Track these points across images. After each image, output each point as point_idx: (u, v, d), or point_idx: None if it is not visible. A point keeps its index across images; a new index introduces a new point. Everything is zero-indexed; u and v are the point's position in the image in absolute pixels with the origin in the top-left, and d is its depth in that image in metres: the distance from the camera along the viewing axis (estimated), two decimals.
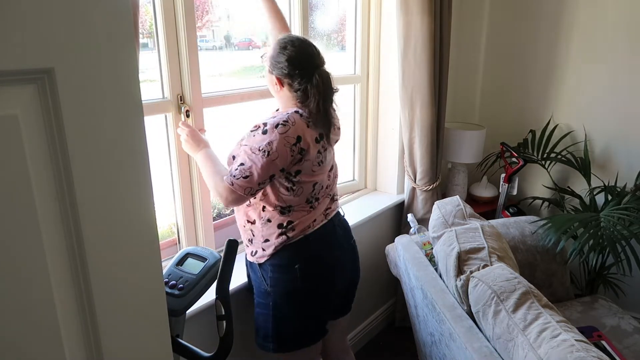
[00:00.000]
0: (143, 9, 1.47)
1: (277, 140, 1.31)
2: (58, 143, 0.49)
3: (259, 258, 1.47)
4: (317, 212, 1.49)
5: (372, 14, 2.31)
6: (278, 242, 1.43)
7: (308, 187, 1.43)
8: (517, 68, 2.70)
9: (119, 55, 0.52)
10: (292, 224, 1.43)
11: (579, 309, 1.99)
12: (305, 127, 1.38)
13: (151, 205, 0.59)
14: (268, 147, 1.31)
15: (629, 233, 1.92)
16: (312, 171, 1.42)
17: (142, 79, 0.97)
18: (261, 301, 1.49)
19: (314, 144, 1.39)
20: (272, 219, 1.43)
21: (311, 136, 1.39)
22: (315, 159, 1.41)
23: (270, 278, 1.45)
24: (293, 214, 1.44)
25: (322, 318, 1.55)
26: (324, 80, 1.40)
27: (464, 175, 2.63)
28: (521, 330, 1.22)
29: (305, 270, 1.45)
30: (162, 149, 1.57)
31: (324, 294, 1.52)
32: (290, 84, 1.40)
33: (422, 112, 2.20)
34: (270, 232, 1.44)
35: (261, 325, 1.51)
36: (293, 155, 1.34)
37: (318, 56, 1.42)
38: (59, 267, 0.52)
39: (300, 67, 1.37)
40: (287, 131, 1.33)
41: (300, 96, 1.40)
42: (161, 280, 0.62)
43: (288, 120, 1.34)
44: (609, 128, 2.48)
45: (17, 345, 0.50)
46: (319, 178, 1.46)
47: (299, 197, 1.42)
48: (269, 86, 1.48)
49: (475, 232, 1.65)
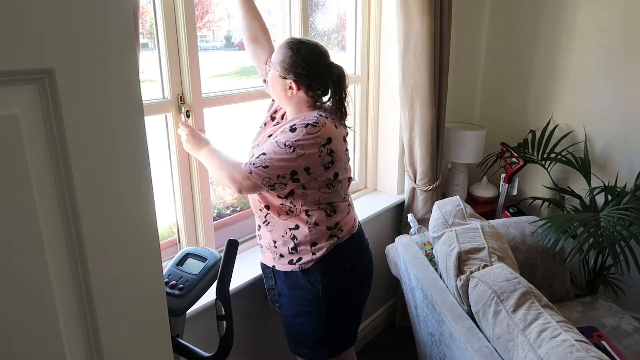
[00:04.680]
0: (143, 9, 1.47)
1: (305, 139, 1.31)
2: (58, 143, 0.49)
3: (304, 264, 1.45)
4: (354, 213, 1.56)
5: (372, 14, 2.31)
6: (330, 244, 1.44)
7: (345, 183, 1.48)
8: (517, 68, 2.70)
9: (119, 56, 0.52)
10: (339, 224, 1.46)
11: (579, 309, 1.99)
12: (334, 128, 1.38)
13: (151, 205, 0.59)
14: (295, 143, 1.31)
15: (629, 233, 1.92)
16: (345, 169, 1.47)
17: (142, 79, 0.97)
18: (308, 310, 1.47)
19: (342, 144, 1.42)
20: (320, 223, 1.44)
21: (340, 136, 1.41)
22: (345, 156, 1.45)
23: (322, 282, 1.44)
24: (338, 215, 1.47)
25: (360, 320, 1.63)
26: (340, 76, 1.40)
27: (464, 175, 2.63)
28: (521, 330, 1.22)
29: (354, 269, 1.50)
30: (162, 149, 1.57)
31: (365, 295, 1.59)
32: (309, 85, 1.38)
33: (422, 112, 2.20)
34: (319, 235, 1.44)
35: (309, 334, 1.50)
36: (321, 156, 1.34)
37: (327, 55, 1.41)
38: (59, 267, 0.52)
39: (318, 66, 1.37)
40: (317, 132, 1.33)
41: (318, 96, 1.40)
42: (161, 280, 0.62)
43: (318, 122, 1.34)
44: (609, 128, 2.48)
45: (17, 345, 0.50)
46: (350, 174, 1.52)
47: (338, 194, 1.45)
48: (277, 92, 1.44)
49: (475, 232, 1.65)
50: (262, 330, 1.86)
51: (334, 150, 1.36)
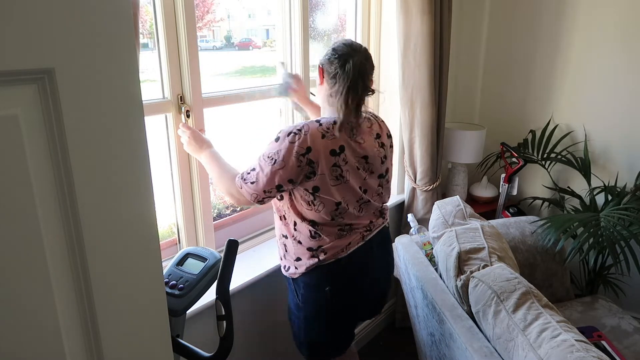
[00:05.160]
0: (143, 9, 1.47)
1: (285, 149, 1.29)
2: (58, 143, 0.49)
3: (291, 274, 1.46)
4: (352, 236, 1.43)
5: (372, 14, 2.31)
6: (310, 264, 1.41)
7: (329, 204, 1.36)
8: (517, 68, 2.70)
9: (119, 56, 0.52)
10: (321, 247, 1.40)
11: (579, 309, 1.99)
12: (320, 137, 1.31)
13: (151, 206, 0.59)
14: (276, 155, 1.29)
15: (629, 233, 1.92)
16: (330, 186, 1.33)
17: (142, 79, 0.97)
18: (294, 312, 1.51)
19: (327, 157, 1.31)
20: (303, 242, 1.40)
21: (325, 148, 1.31)
22: (331, 173, 1.32)
23: (302, 295, 1.45)
24: (322, 239, 1.39)
25: (351, 328, 1.56)
26: (355, 66, 1.35)
27: (464, 175, 2.63)
28: (521, 330, 1.22)
29: (335, 292, 1.43)
30: (162, 149, 1.57)
31: (353, 310, 1.50)
32: (327, 70, 1.39)
33: (422, 112, 2.20)
34: (301, 252, 1.42)
35: (295, 332, 1.54)
36: (300, 166, 1.29)
37: (359, 52, 1.38)
38: (59, 267, 0.52)
39: (338, 53, 1.36)
40: (297, 140, 1.29)
41: (330, 83, 1.38)
42: (161, 280, 0.62)
43: (302, 129, 1.30)
44: (609, 128, 2.48)
45: (17, 345, 0.50)
46: (342, 197, 1.36)
47: (320, 214, 1.36)
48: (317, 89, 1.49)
49: (475, 232, 1.65)
50: (262, 330, 1.86)
51: (312, 161, 1.29)
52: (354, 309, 1.50)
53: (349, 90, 1.34)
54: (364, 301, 1.53)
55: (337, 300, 1.43)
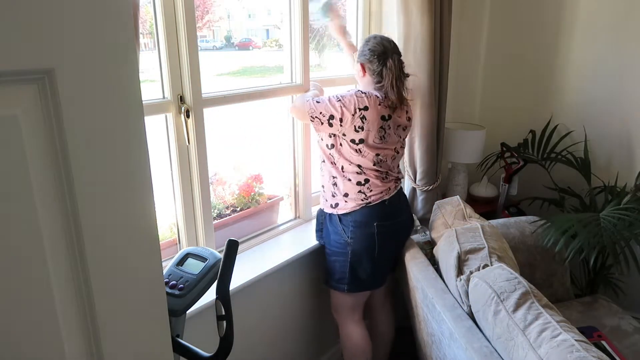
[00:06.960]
0: (143, 9, 1.47)
1: (351, 96, 1.68)
2: (58, 143, 0.49)
3: (340, 209, 1.78)
4: (389, 183, 1.81)
5: (372, 14, 2.31)
6: (360, 200, 1.75)
7: (371, 155, 1.73)
8: (517, 68, 2.70)
9: (119, 56, 0.52)
10: (368, 182, 1.75)
11: (579, 309, 1.99)
12: (377, 104, 1.69)
13: (151, 206, 0.59)
14: (342, 98, 1.68)
15: (629, 233, 1.92)
16: (374, 142, 1.71)
17: (142, 79, 0.97)
18: (340, 250, 1.81)
19: (378, 120, 1.69)
20: (352, 179, 1.76)
21: (378, 112, 1.69)
22: (378, 132, 1.71)
23: (351, 231, 1.77)
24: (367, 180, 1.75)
25: (389, 263, 1.90)
26: (396, 64, 1.74)
27: (464, 175, 2.63)
28: (521, 330, 1.22)
29: (381, 228, 1.76)
30: (162, 149, 1.57)
31: (391, 250, 1.86)
32: (370, 68, 1.76)
33: (422, 112, 2.20)
34: (349, 188, 1.76)
35: (337, 270, 1.83)
36: (354, 115, 1.66)
37: (392, 48, 1.76)
38: (59, 266, 0.52)
39: (377, 54, 1.73)
40: (361, 97, 1.68)
41: (377, 78, 1.75)
42: (161, 280, 0.62)
43: (366, 93, 1.70)
44: (609, 128, 2.48)
45: (17, 345, 0.50)
46: (382, 152, 1.76)
47: (365, 158, 1.72)
48: (355, 75, 1.86)
49: (475, 232, 1.65)
50: (262, 330, 1.86)
51: (366, 117, 1.67)
52: (393, 244, 1.85)
53: (396, 81, 1.73)
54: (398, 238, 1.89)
55: (382, 235, 1.78)
